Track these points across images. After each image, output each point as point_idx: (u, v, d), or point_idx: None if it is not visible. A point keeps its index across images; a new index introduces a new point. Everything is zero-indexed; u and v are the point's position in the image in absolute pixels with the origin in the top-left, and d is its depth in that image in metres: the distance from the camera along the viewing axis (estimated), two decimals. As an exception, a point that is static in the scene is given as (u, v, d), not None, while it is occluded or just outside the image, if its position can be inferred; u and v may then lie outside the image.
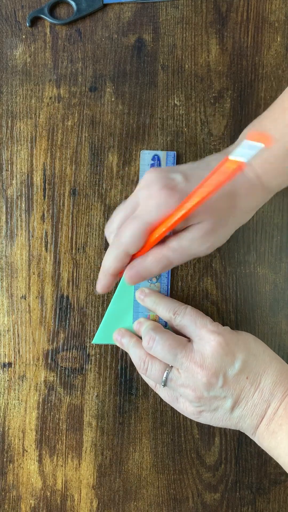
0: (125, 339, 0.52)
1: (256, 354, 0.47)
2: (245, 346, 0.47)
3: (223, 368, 0.46)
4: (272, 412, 0.46)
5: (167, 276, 0.53)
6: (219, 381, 0.46)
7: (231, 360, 0.46)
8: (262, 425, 0.47)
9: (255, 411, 0.47)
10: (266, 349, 0.48)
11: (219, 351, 0.46)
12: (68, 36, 0.56)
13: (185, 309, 0.50)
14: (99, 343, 0.54)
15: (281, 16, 0.55)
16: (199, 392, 0.46)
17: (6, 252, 0.54)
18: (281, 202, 0.54)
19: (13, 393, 0.54)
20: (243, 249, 0.54)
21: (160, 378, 0.48)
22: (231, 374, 0.46)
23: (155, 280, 0.53)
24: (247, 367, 0.46)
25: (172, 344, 0.47)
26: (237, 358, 0.46)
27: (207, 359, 0.46)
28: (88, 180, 0.55)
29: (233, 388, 0.46)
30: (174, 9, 0.56)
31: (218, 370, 0.46)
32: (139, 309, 0.53)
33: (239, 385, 0.46)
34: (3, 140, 0.55)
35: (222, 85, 0.55)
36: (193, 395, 0.47)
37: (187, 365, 0.47)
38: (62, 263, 0.54)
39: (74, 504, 0.54)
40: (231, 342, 0.47)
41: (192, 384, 0.47)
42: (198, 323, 0.48)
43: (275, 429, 0.46)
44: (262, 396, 0.46)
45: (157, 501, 0.54)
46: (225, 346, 0.46)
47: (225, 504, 0.54)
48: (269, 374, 0.47)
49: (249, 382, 0.46)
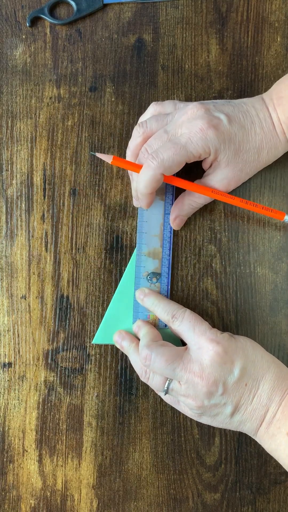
0: (125, 342, 0.52)
1: (254, 360, 0.47)
2: (244, 353, 0.47)
3: (222, 376, 0.46)
4: (270, 416, 0.46)
5: (167, 277, 0.53)
6: (219, 389, 0.46)
7: (230, 368, 0.46)
8: (262, 428, 0.47)
9: (254, 416, 0.47)
10: (264, 354, 0.48)
11: (217, 361, 0.46)
12: (68, 36, 0.56)
13: (184, 313, 0.50)
14: (99, 343, 0.54)
15: (281, 16, 0.55)
16: (200, 401, 0.47)
17: (6, 252, 0.54)
18: (281, 202, 0.54)
19: (13, 393, 0.54)
20: (243, 249, 0.54)
21: (162, 388, 0.49)
22: (231, 382, 0.46)
23: (155, 280, 0.53)
24: (246, 374, 0.47)
25: (168, 359, 0.47)
26: (236, 365, 0.46)
27: (206, 369, 0.46)
28: (88, 180, 0.55)
29: (232, 395, 0.46)
30: (174, 9, 0.56)
31: (217, 379, 0.46)
32: (139, 309, 0.53)
33: (239, 392, 0.46)
34: (3, 140, 0.55)
35: (222, 85, 0.55)
36: (194, 404, 0.47)
37: (187, 377, 0.47)
38: (62, 263, 0.54)
39: (74, 504, 0.54)
40: (230, 350, 0.47)
41: (192, 394, 0.47)
42: (197, 330, 0.48)
43: (274, 432, 0.46)
44: (261, 401, 0.46)
45: (157, 501, 0.54)
46: (224, 355, 0.46)
47: (225, 504, 0.54)
48: (267, 379, 0.47)
49: (248, 389, 0.46)
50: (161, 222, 0.53)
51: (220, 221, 0.54)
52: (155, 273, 0.53)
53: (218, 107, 0.49)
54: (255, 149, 0.49)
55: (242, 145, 0.48)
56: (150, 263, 0.53)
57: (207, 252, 0.54)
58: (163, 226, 0.53)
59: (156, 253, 0.53)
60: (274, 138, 0.49)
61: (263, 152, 0.50)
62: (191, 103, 0.49)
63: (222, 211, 0.54)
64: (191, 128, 0.47)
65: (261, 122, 0.49)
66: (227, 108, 0.49)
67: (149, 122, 0.50)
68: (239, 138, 0.48)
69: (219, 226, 0.54)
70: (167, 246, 0.53)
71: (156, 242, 0.53)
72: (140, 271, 0.53)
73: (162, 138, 0.48)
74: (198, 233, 0.54)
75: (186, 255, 0.54)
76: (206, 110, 0.48)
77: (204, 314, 0.54)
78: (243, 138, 0.48)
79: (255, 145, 0.49)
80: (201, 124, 0.47)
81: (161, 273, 0.53)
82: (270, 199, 0.54)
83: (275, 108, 0.49)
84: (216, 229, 0.54)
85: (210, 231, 0.54)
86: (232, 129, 0.48)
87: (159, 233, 0.53)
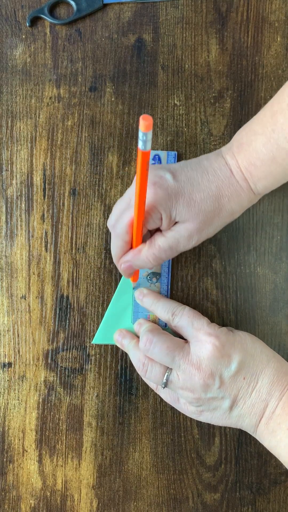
0: (125, 340, 0.52)
1: (253, 354, 0.47)
2: (242, 347, 0.47)
3: (219, 370, 0.46)
4: (270, 411, 0.46)
5: (167, 276, 0.53)
6: (216, 382, 0.46)
7: (227, 362, 0.46)
8: (262, 424, 0.47)
9: (253, 411, 0.47)
10: (264, 348, 0.48)
11: (214, 354, 0.46)
12: (68, 36, 0.56)
13: (183, 309, 0.50)
14: (99, 343, 0.54)
15: (281, 16, 0.55)
16: (197, 394, 0.47)
17: (6, 252, 0.54)
18: (281, 202, 0.54)
19: (13, 393, 0.54)
20: (243, 249, 0.54)
21: (160, 380, 0.49)
22: (228, 376, 0.46)
23: (155, 280, 0.53)
24: (244, 367, 0.47)
25: (170, 346, 0.47)
26: (233, 359, 0.47)
27: (203, 362, 0.46)
28: (88, 180, 0.55)
29: (230, 389, 0.47)
30: (174, 9, 0.56)
31: (214, 372, 0.46)
32: (138, 309, 0.53)
33: (236, 385, 0.47)
34: (3, 140, 0.55)
35: (222, 85, 0.55)
36: (191, 396, 0.47)
37: (185, 368, 0.47)
38: (62, 263, 0.54)
39: (74, 504, 0.54)
40: (227, 344, 0.47)
41: (190, 386, 0.47)
42: (195, 324, 0.49)
43: (274, 428, 0.46)
44: (260, 396, 0.46)
45: (157, 501, 0.54)
46: (221, 348, 0.47)
47: (225, 504, 0.54)
48: (266, 374, 0.47)
49: (246, 383, 0.47)
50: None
51: (220, 221, 0.54)
52: (155, 273, 0.53)
53: (165, 166, 0.47)
54: (213, 197, 0.46)
55: (193, 195, 0.46)
56: None
57: (207, 252, 0.54)
58: None
59: None
60: (234, 185, 0.47)
61: (223, 199, 0.47)
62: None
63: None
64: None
65: (215, 171, 0.47)
66: (174, 165, 0.48)
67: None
68: (188, 190, 0.46)
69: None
70: None
71: None
72: (140, 271, 0.53)
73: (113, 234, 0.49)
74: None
75: (186, 255, 0.54)
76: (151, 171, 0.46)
77: (204, 314, 0.53)
78: (193, 189, 0.46)
79: (211, 194, 0.46)
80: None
81: (161, 273, 0.53)
82: (270, 199, 0.54)
83: (234, 155, 0.47)
84: (216, 229, 0.54)
85: (210, 231, 0.54)
86: (178, 183, 0.46)
87: None
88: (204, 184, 0.47)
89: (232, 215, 0.48)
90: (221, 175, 0.47)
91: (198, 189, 0.46)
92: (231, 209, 0.48)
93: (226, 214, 0.48)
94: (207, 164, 0.48)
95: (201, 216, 0.46)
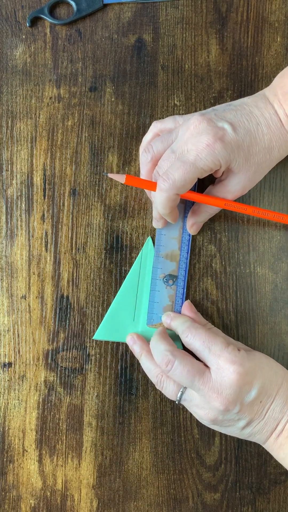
0: (136, 346, 0.52)
1: (270, 377, 0.47)
2: (261, 372, 0.47)
3: (240, 397, 0.46)
4: (281, 428, 0.47)
5: (184, 279, 0.53)
6: (236, 408, 0.46)
7: (249, 389, 0.46)
8: (271, 438, 0.48)
9: (265, 429, 0.47)
10: (277, 369, 0.48)
11: (238, 383, 0.46)
12: (68, 36, 0.56)
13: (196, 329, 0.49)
14: (100, 339, 0.54)
15: (281, 16, 0.55)
16: (213, 416, 0.47)
17: (6, 252, 0.54)
18: (281, 202, 0.54)
19: (13, 393, 0.54)
20: (243, 249, 0.54)
21: (175, 396, 0.49)
22: (247, 401, 0.46)
23: (171, 283, 0.53)
24: (262, 392, 0.47)
25: (190, 371, 0.46)
26: (254, 386, 0.46)
27: (226, 390, 0.46)
28: (88, 180, 0.55)
29: (247, 412, 0.46)
30: (174, 9, 0.56)
31: (236, 399, 0.46)
32: (154, 310, 0.52)
33: (254, 409, 0.47)
34: (3, 140, 0.55)
35: (222, 85, 0.55)
36: (207, 416, 0.47)
37: (204, 392, 0.46)
38: (62, 263, 0.54)
39: (74, 504, 0.54)
40: (250, 371, 0.46)
41: (207, 408, 0.47)
42: (213, 349, 0.47)
43: (282, 442, 0.47)
44: (273, 415, 0.47)
45: (157, 501, 0.54)
46: (245, 376, 0.46)
47: (225, 504, 0.54)
48: (280, 395, 0.47)
49: (262, 405, 0.47)
50: (181, 225, 0.53)
51: (220, 221, 0.54)
52: (171, 276, 0.53)
53: (220, 114, 0.47)
54: (265, 149, 0.48)
55: (251, 149, 0.47)
56: (168, 265, 0.53)
57: (207, 252, 0.54)
58: (182, 229, 0.53)
59: (174, 255, 0.53)
60: (284, 135, 0.48)
61: (273, 150, 0.48)
62: (191, 115, 0.48)
63: (222, 211, 0.54)
64: (197, 145, 0.46)
65: (267, 122, 0.48)
66: (229, 114, 0.48)
67: (154, 145, 0.50)
68: (247, 143, 0.47)
69: (219, 226, 0.54)
70: (185, 249, 0.53)
71: (174, 245, 0.53)
72: (156, 273, 0.53)
73: (170, 159, 0.47)
74: (198, 233, 0.54)
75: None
76: (209, 121, 0.46)
77: (204, 314, 0.54)
78: (251, 142, 0.47)
79: (264, 146, 0.48)
80: (207, 139, 0.46)
81: (178, 276, 0.53)
82: (270, 199, 0.54)
83: (281, 104, 0.48)
84: (216, 229, 0.54)
85: (210, 231, 0.54)
86: (238, 136, 0.47)
87: (177, 236, 0.53)
88: (259, 137, 0.48)
89: (278, 160, 0.50)
90: (273, 126, 0.48)
91: (255, 143, 0.48)
92: (280, 157, 0.50)
93: (274, 162, 0.50)
94: (258, 113, 0.48)
95: (253, 167, 0.48)
